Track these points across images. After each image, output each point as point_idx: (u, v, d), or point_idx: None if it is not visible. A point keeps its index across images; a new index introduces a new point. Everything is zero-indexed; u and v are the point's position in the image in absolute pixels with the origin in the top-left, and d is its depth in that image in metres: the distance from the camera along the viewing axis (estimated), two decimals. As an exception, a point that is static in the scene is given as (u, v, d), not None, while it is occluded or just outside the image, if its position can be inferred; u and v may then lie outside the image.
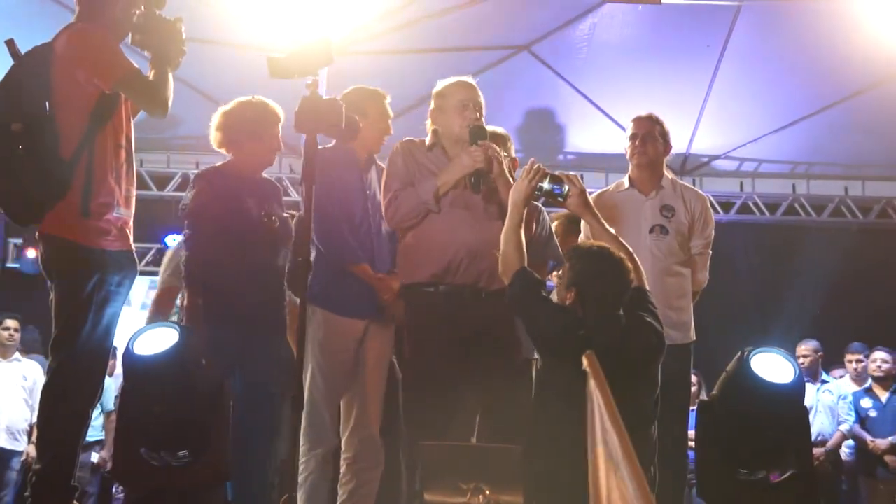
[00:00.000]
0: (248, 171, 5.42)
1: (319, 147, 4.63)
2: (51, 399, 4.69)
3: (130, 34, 4.80)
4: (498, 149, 5.30)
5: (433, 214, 5.27)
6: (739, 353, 5.10)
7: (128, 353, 4.71)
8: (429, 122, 5.50)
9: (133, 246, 4.92)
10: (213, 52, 9.15)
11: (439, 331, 5.14)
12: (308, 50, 4.48)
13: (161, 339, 4.65)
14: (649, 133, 6.02)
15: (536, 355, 5.09)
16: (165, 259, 6.57)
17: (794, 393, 5.08)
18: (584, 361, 3.28)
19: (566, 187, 5.09)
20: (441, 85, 5.48)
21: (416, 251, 5.31)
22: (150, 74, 4.75)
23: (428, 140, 5.43)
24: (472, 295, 5.17)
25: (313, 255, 5.12)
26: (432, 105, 5.46)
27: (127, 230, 4.83)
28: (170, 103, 4.78)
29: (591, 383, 3.15)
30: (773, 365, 4.99)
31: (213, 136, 5.47)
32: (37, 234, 4.79)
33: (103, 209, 4.65)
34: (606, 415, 2.91)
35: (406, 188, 5.26)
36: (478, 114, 5.33)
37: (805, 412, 5.23)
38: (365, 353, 5.47)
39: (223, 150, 5.46)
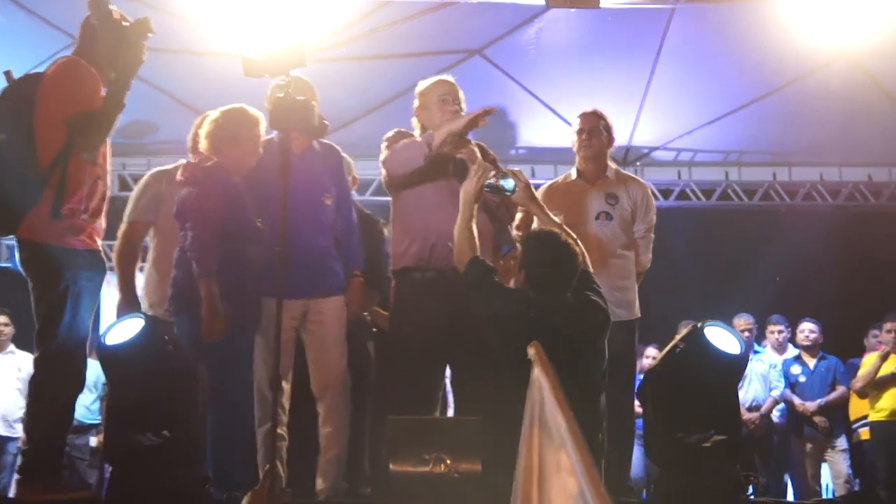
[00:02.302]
0: (234, 173, 5.35)
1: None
2: (37, 387, 4.71)
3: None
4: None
5: (417, 203, 5.30)
6: (691, 326, 5.09)
7: (100, 346, 4.71)
8: (414, 119, 5.49)
9: (101, 247, 4.93)
10: (189, 62, 9.07)
11: (427, 311, 5.16)
12: (282, 52, 4.45)
13: (129, 329, 4.61)
14: (594, 127, 6.03)
15: None
16: (139, 187, 5.99)
17: (740, 363, 5.10)
18: (530, 351, 3.25)
19: (513, 183, 5.08)
20: (422, 84, 5.53)
21: (403, 237, 5.34)
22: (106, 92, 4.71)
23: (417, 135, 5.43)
24: (458, 277, 5.11)
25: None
26: (416, 103, 5.47)
27: (95, 236, 4.84)
28: (99, 148, 4.75)
29: (536, 370, 3.13)
30: (721, 337, 4.98)
31: (201, 144, 5.40)
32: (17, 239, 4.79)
33: (72, 214, 4.64)
34: (553, 398, 2.91)
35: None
36: (457, 106, 5.32)
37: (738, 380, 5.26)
38: (308, 332, 5.39)
39: (212, 155, 5.36)
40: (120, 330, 4.66)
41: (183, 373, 4.62)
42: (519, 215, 6.01)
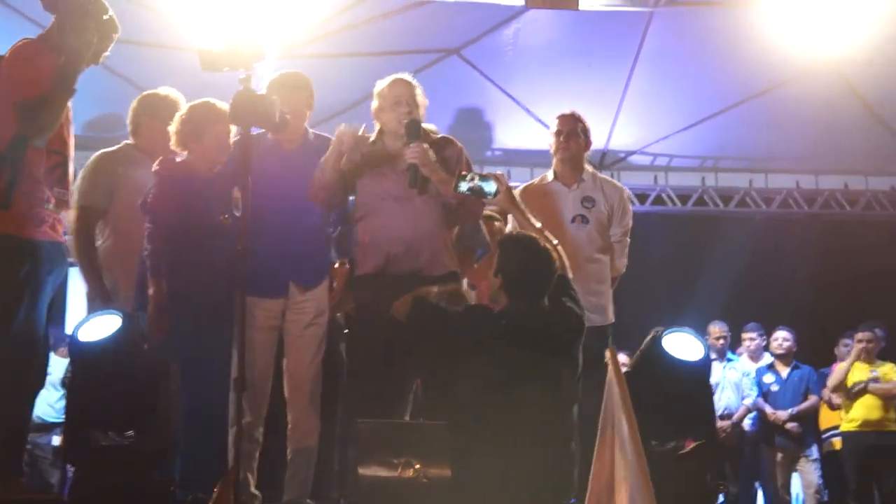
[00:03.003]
0: (200, 169, 5.29)
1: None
2: None
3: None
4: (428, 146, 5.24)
5: (375, 211, 5.25)
6: (652, 333, 5.09)
7: (73, 341, 4.62)
8: (375, 121, 5.45)
9: (64, 239, 4.87)
10: (163, 56, 9.02)
11: (384, 316, 5.07)
12: (240, 44, 4.37)
13: (104, 326, 4.54)
14: (572, 130, 6.04)
15: None
16: (87, 170, 5.83)
17: (700, 370, 5.09)
18: (607, 355, 3.30)
19: (495, 186, 5.06)
20: (379, 84, 5.45)
21: (362, 246, 5.30)
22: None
23: (373, 137, 5.37)
24: (416, 281, 5.12)
25: None
26: (374, 104, 5.41)
27: (58, 227, 4.75)
28: (47, 134, 4.63)
29: (610, 373, 3.16)
30: (683, 344, 4.99)
31: (171, 139, 5.34)
32: None
33: (31, 204, 4.54)
34: (622, 404, 2.96)
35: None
36: (408, 109, 5.26)
37: (708, 387, 5.24)
38: (284, 332, 5.35)
39: (180, 150, 5.32)
40: (94, 326, 4.59)
41: (154, 373, 4.57)
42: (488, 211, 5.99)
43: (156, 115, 5.69)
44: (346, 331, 6.00)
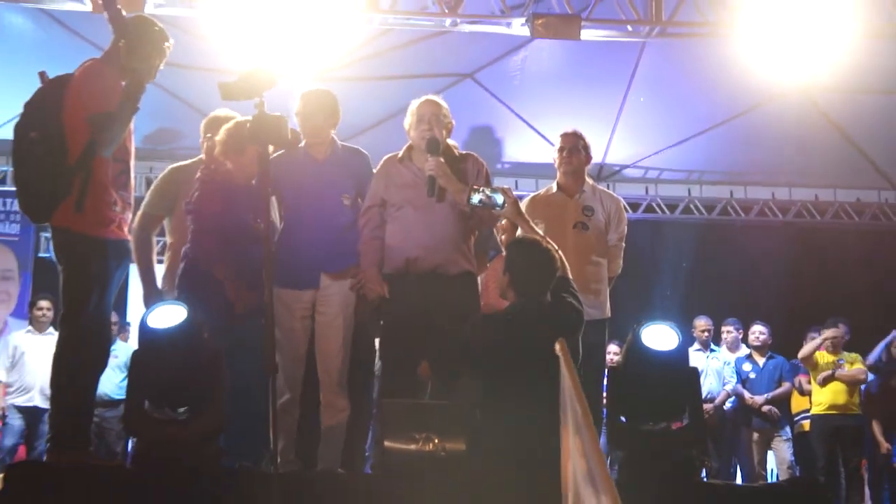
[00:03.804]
0: (239, 179, 5.30)
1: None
2: (62, 365, 4.64)
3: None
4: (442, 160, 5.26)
5: (396, 217, 5.27)
6: (633, 330, 5.09)
7: (143, 325, 4.62)
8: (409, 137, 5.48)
9: (129, 237, 4.89)
10: (209, 77, 9.05)
11: (406, 306, 5.15)
12: (253, 76, 4.38)
13: (171, 315, 4.56)
14: (574, 146, 6.02)
15: None
16: (157, 181, 5.86)
17: (676, 357, 5.01)
18: (557, 347, 3.30)
19: (502, 198, 5.08)
20: (413, 104, 5.44)
21: (387, 249, 5.31)
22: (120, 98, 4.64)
23: (401, 154, 5.40)
24: (434, 278, 5.16)
25: None
26: (406, 121, 5.42)
27: (124, 226, 4.78)
28: (114, 145, 4.66)
29: (562, 365, 3.18)
30: (660, 335, 4.95)
31: (217, 149, 5.37)
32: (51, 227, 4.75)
33: (100, 206, 4.59)
34: (572, 389, 2.98)
35: (371, 209, 5.33)
36: (429, 126, 5.27)
37: (694, 372, 5.20)
38: (316, 320, 5.35)
39: (224, 160, 5.35)
40: (162, 314, 4.60)
41: (210, 359, 4.59)
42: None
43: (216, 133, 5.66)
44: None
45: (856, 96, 10.04)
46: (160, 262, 5.94)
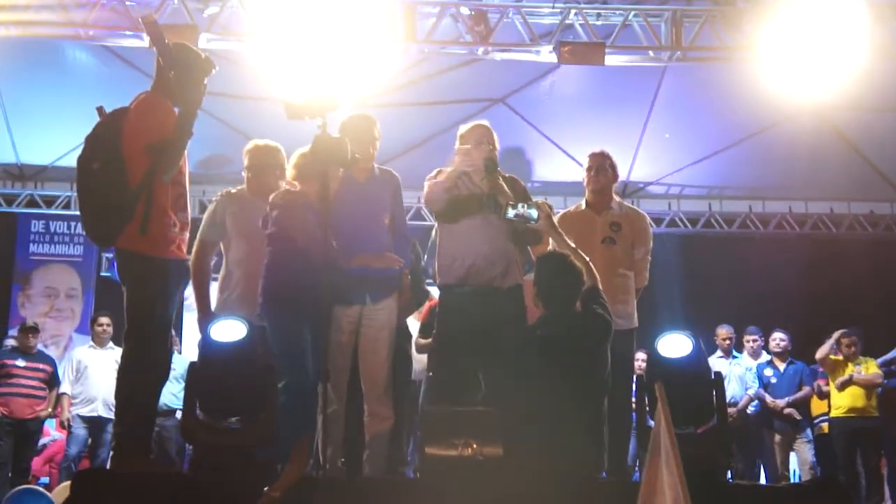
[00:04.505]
0: (313, 200, 5.09)
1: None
2: (125, 378, 4.66)
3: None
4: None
5: (459, 229, 5.28)
6: (652, 341, 5.03)
7: (205, 337, 4.57)
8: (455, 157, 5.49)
9: (187, 257, 4.88)
10: (258, 106, 9.13)
11: (463, 321, 5.14)
12: (317, 98, 4.41)
13: (232, 330, 4.50)
14: (601, 165, 5.97)
15: None
16: (208, 210, 5.71)
17: (694, 362, 4.86)
18: (656, 389, 3.29)
19: (537, 213, 5.07)
20: (463, 128, 5.49)
21: (445, 258, 5.33)
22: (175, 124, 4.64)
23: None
24: (490, 292, 5.16)
25: None
26: (457, 144, 5.43)
27: (182, 245, 4.78)
28: (173, 171, 4.64)
29: (659, 406, 3.17)
30: (674, 343, 4.86)
31: (289, 172, 5.30)
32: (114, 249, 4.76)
33: (162, 228, 4.60)
34: (666, 429, 3.01)
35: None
36: (491, 146, 5.32)
37: (718, 378, 5.10)
38: (360, 335, 5.29)
39: (295, 182, 5.24)
40: (224, 328, 4.53)
41: (265, 370, 4.56)
42: None
43: (267, 164, 5.63)
44: (418, 335, 6.03)
45: (867, 114, 9.99)
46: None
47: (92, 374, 9.50)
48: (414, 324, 6.65)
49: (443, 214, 5.39)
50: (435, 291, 5.85)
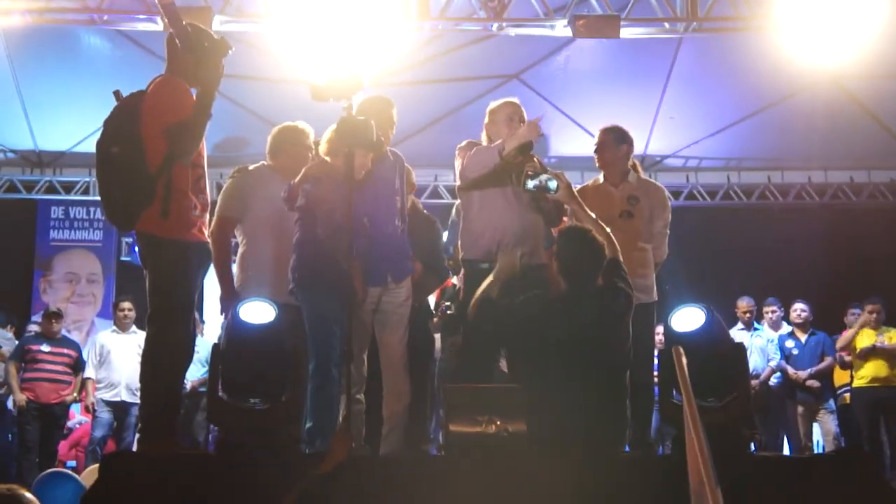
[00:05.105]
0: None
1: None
2: (150, 362, 4.67)
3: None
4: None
5: (488, 203, 5.30)
6: (665, 317, 5.00)
7: (234, 316, 4.54)
8: (483, 134, 5.52)
9: (208, 239, 4.85)
10: (275, 88, 9.14)
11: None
12: (342, 78, 4.40)
13: (261, 312, 4.49)
14: (601, 143, 5.92)
15: None
16: (226, 185, 5.66)
17: (709, 334, 4.83)
18: (674, 354, 3.26)
19: (556, 183, 5.09)
20: (493, 104, 5.55)
21: (472, 232, 5.36)
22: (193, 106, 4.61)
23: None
24: (519, 269, 5.13)
25: None
26: (486, 120, 5.48)
27: (203, 228, 4.77)
28: (192, 153, 4.63)
29: (678, 374, 3.16)
30: (686, 317, 4.83)
31: (322, 147, 5.22)
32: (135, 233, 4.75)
33: (182, 211, 4.60)
34: (685, 398, 2.98)
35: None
36: (521, 122, 5.40)
37: (740, 349, 5.07)
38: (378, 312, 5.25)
39: (327, 157, 5.17)
40: (252, 309, 4.52)
41: (292, 355, 4.56)
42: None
43: (298, 142, 5.61)
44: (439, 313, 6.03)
45: (885, 81, 9.91)
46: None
47: (115, 358, 9.59)
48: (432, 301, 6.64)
49: (471, 186, 5.40)
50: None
